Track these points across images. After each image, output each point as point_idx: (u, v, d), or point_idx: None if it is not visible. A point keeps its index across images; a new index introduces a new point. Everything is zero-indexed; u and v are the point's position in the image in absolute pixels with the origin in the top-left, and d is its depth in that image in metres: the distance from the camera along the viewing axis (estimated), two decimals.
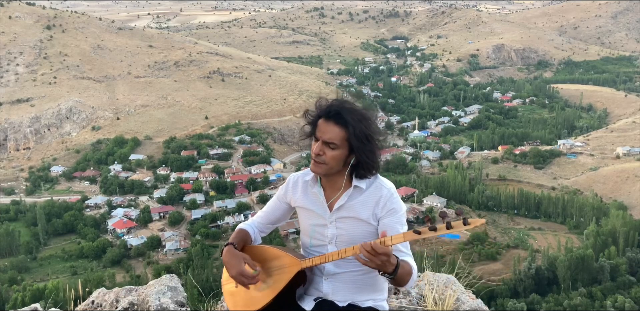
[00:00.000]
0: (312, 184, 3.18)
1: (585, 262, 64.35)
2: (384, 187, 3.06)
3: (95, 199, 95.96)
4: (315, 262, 3.02)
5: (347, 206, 3.06)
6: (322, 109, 3.00)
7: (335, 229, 3.09)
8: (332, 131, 2.92)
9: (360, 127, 2.91)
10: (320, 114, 2.99)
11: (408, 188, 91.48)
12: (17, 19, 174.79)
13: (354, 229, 3.06)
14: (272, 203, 3.40)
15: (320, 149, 2.96)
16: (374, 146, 2.98)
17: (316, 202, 3.16)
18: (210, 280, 50.46)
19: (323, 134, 2.94)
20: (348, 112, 2.93)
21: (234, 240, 3.18)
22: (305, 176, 3.25)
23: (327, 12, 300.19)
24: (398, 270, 2.73)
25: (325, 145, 2.95)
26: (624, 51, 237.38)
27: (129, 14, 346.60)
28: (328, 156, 2.95)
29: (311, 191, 3.19)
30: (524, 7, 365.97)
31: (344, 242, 3.07)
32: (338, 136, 2.92)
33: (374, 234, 3.05)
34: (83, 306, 4.65)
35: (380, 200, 3.02)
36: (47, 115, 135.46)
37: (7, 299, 54.59)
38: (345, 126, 2.91)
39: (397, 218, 3.02)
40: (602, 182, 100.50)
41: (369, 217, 3.03)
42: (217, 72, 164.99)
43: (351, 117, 2.91)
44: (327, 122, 2.94)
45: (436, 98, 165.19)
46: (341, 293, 3.14)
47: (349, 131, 2.91)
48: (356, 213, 3.04)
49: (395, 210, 3.02)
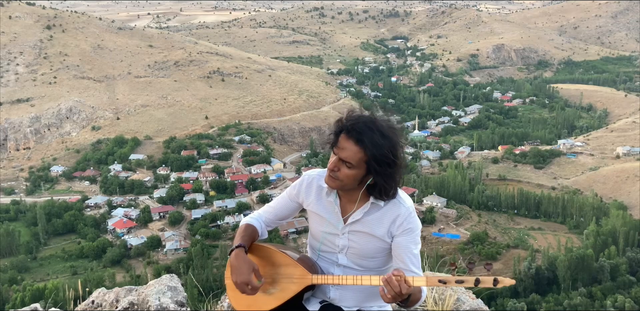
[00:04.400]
0: (329, 192, 3.07)
1: (585, 262, 64.35)
2: (403, 205, 2.95)
3: (95, 199, 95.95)
4: (327, 281, 2.92)
5: (362, 221, 2.97)
6: (347, 123, 2.81)
7: (347, 241, 3.03)
8: (351, 150, 2.76)
9: (382, 152, 2.73)
10: (343, 129, 2.81)
11: (408, 188, 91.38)
12: (17, 19, 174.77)
13: (367, 243, 3.00)
14: (282, 200, 3.30)
15: (336, 166, 2.83)
16: (394, 172, 2.82)
17: (330, 211, 3.07)
18: (210, 280, 50.55)
19: (341, 151, 2.79)
20: (371, 133, 2.74)
21: (243, 241, 3.05)
22: (320, 179, 3.11)
23: (327, 12, 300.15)
24: (410, 299, 2.70)
25: (342, 162, 2.81)
26: (624, 51, 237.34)
27: (129, 14, 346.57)
28: (342, 174, 2.83)
29: (326, 198, 3.09)
30: (524, 7, 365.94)
31: (354, 254, 3.03)
32: (356, 156, 2.76)
33: (385, 250, 2.99)
34: (83, 306, 4.65)
35: (397, 219, 2.92)
36: (47, 115, 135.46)
37: (7, 299, 54.62)
38: (365, 148, 2.74)
39: (412, 238, 2.94)
40: (602, 182, 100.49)
41: (384, 235, 2.95)
42: (217, 72, 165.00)
43: (374, 140, 2.73)
44: (348, 139, 2.77)
45: (436, 98, 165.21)
46: (348, 300, 3.12)
47: (368, 154, 2.74)
48: (371, 229, 2.96)
49: (411, 230, 2.93)
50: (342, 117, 2.88)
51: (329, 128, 6.52)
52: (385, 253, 3.01)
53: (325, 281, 2.93)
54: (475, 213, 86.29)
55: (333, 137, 2.86)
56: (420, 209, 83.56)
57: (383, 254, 3.02)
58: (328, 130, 3.10)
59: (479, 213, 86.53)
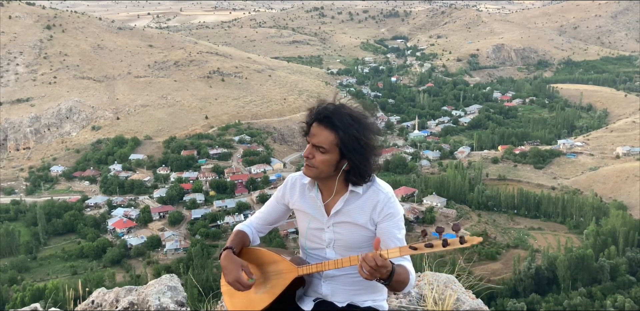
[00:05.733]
0: (310, 187, 3.15)
1: (585, 262, 64.36)
2: (381, 191, 3.01)
3: (95, 199, 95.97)
4: (312, 270, 2.99)
5: (344, 211, 3.03)
6: (317, 110, 2.93)
7: (332, 234, 3.08)
8: (322, 135, 2.87)
9: (352, 132, 2.83)
10: (313, 116, 2.94)
11: (408, 188, 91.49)
12: (17, 19, 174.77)
13: (352, 234, 3.03)
14: (270, 203, 3.37)
15: (310, 153, 2.93)
16: (368, 153, 2.90)
17: (313, 206, 3.13)
18: (210, 280, 50.47)
19: (313, 138, 2.91)
20: (340, 116, 2.85)
21: (232, 244, 3.14)
22: (302, 178, 3.20)
23: (327, 12, 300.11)
24: (393, 276, 2.69)
25: (316, 149, 2.91)
26: (623, 51, 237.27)
27: (129, 14, 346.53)
28: (317, 160, 2.91)
29: (308, 194, 3.16)
30: (524, 7, 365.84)
31: (341, 246, 3.06)
32: (327, 140, 2.86)
33: (371, 238, 3.02)
34: (83, 306, 4.65)
35: (377, 205, 2.98)
36: (47, 115, 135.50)
37: (7, 299, 54.65)
38: (335, 130, 2.85)
39: (395, 223, 2.99)
40: (602, 182, 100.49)
41: (366, 222, 3.00)
42: (217, 72, 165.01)
43: (342, 122, 2.84)
44: (319, 125, 2.89)
45: (436, 98, 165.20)
46: (340, 294, 3.13)
47: (339, 135, 2.84)
48: (353, 218, 3.01)
49: (392, 215, 2.98)
50: (312, 107, 2.97)
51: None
52: (371, 243, 3.01)
53: (309, 270, 2.99)
54: (475, 213, 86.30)
55: (306, 127, 2.96)
56: (420, 209, 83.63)
57: (369, 244, 3.03)
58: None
59: (478, 213, 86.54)
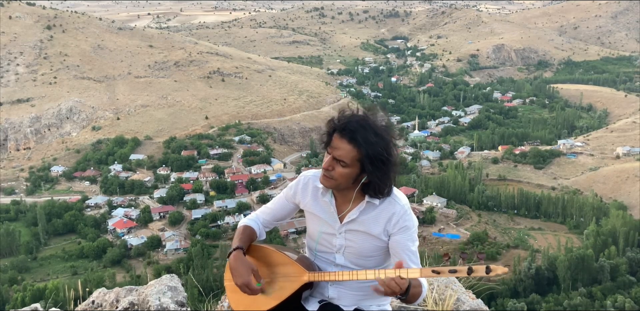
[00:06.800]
0: (324, 192, 3.09)
1: (585, 262, 64.34)
2: (398, 203, 2.96)
3: (95, 199, 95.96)
4: (324, 278, 2.95)
5: (358, 220, 2.99)
6: (340, 122, 2.82)
7: (343, 241, 3.04)
8: (344, 149, 2.78)
9: (376, 150, 2.75)
10: (336, 128, 2.83)
11: (408, 188, 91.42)
12: (17, 19, 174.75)
13: (363, 242, 3.01)
14: (280, 200, 3.33)
15: (330, 165, 2.85)
16: (389, 170, 2.83)
17: (326, 211, 3.09)
18: (211, 280, 50.50)
19: (334, 151, 2.81)
20: (364, 132, 2.75)
21: (241, 242, 3.08)
22: (316, 180, 3.12)
23: (327, 12, 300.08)
24: (409, 292, 2.68)
25: (336, 161, 2.83)
26: (624, 51, 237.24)
27: (129, 14, 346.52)
28: (337, 173, 2.84)
29: (322, 199, 3.10)
30: (524, 7, 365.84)
31: (351, 253, 3.04)
32: (349, 155, 2.77)
33: (382, 248, 3.00)
34: (83, 306, 4.65)
35: (393, 217, 2.94)
36: (47, 115, 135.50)
37: (7, 299, 54.63)
38: (359, 147, 2.75)
39: (409, 235, 2.96)
40: (602, 182, 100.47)
41: (380, 233, 2.96)
42: (217, 72, 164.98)
43: (367, 138, 2.74)
44: (341, 138, 2.79)
45: (436, 98, 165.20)
46: (347, 299, 3.12)
47: (361, 152, 2.76)
48: (367, 228, 2.98)
49: (407, 227, 2.95)
50: (334, 116, 2.89)
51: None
52: (382, 252, 3.02)
53: (321, 278, 2.95)
54: (475, 213, 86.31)
55: (326, 137, 2.88)
56: (420, 209, 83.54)
57: (380, 253, 3.03)
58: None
59: (479, 213, 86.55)
